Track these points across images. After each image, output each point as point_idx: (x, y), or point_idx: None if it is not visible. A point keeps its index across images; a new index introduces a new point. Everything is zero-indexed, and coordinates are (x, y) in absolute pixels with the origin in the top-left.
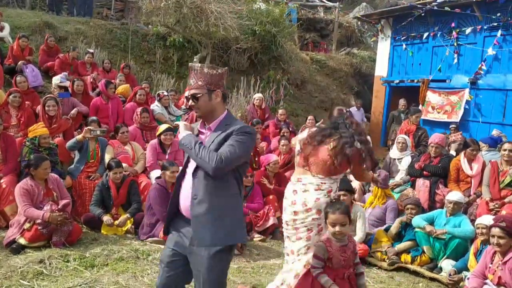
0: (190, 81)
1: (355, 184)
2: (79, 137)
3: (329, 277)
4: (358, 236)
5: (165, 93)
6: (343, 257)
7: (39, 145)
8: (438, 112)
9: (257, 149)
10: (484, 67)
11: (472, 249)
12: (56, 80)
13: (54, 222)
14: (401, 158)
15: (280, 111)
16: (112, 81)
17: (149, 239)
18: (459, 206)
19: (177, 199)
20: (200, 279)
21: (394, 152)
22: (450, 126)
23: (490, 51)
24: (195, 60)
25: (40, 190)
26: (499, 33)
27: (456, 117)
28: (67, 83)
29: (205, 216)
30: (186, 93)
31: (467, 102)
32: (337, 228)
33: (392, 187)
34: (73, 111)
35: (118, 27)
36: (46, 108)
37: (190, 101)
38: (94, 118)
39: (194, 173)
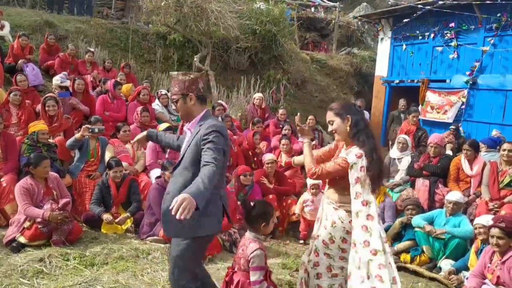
0: (171, 88)
1: None
2: (77, 135)
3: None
4: None
5: (163, 92)
6: None
7: (37, 141)
8: (438, 112)
9: (256, 149)
10: (477, 63)
11: (473, 248)
12: (56, 80)
13: (54, 220)
14: (401, 158)
15: (280, 110)
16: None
17: (149, 238)
18: (459, 206)
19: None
20: (171, 263)
21: (394, 152)
22: (450, 127)
23: (485, 48)
24: (195, 59)
25: (40, 189)
26: (495, 33)
27: (452, 117)
28: (68, 83)
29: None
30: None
31: (466, 102)
32: None
33: (392, 187)
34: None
35: (118, 26)
36: (46, 108)
37: (173, 105)
38: (98, 117)
39: (173, 170)
